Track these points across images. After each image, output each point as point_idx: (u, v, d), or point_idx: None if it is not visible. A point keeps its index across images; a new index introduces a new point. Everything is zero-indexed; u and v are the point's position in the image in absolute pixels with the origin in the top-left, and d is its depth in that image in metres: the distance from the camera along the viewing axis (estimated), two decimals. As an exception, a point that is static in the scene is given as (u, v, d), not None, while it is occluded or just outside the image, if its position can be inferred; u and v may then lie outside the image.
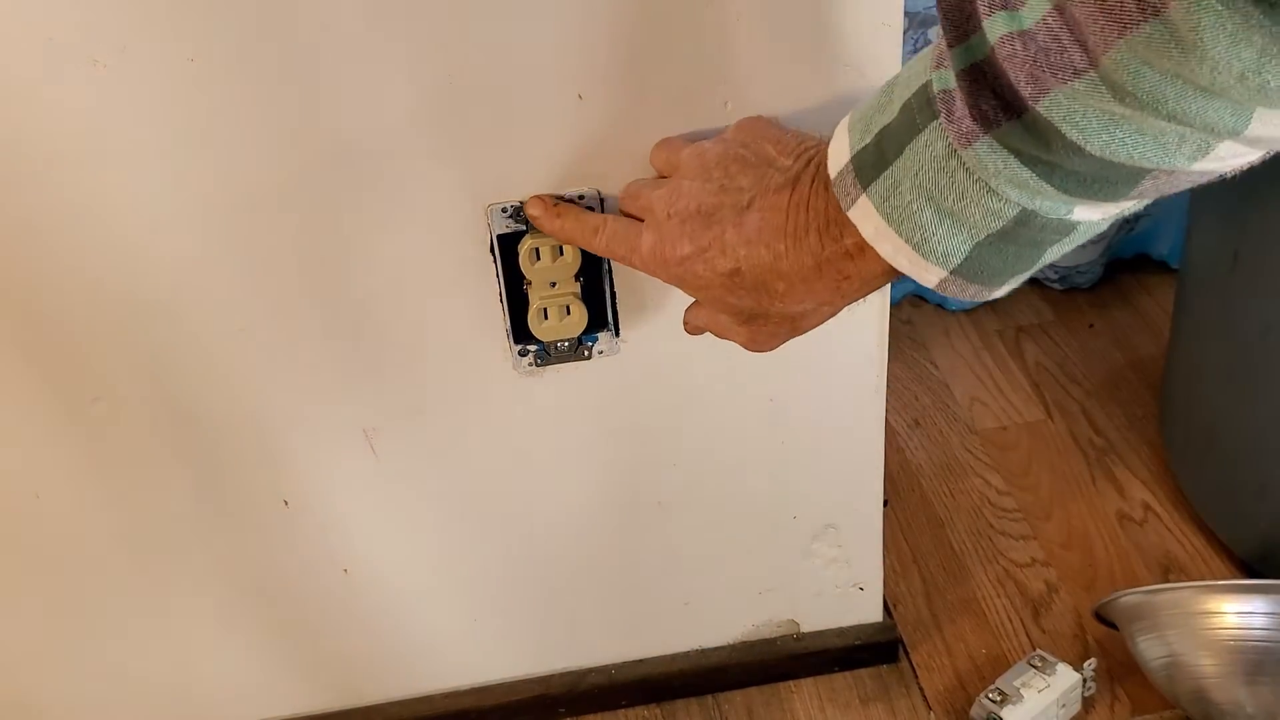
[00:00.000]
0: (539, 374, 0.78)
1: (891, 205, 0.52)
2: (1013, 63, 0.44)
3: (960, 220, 0.50)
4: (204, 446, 0.78)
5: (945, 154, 0.49)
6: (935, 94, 0.49)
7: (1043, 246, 0.52)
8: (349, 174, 0.69)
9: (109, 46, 0.62)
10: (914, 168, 0.50)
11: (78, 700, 0.90)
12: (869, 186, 0.52)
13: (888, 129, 0.52)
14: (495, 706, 0.94)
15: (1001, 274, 0.53)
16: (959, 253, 0.52)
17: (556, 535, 0.88)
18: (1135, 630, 0.87)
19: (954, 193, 0.50)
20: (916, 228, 0.51)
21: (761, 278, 0.59)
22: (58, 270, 0.70)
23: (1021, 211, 0.49)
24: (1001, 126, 0.46)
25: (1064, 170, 0.47)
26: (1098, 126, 0.44)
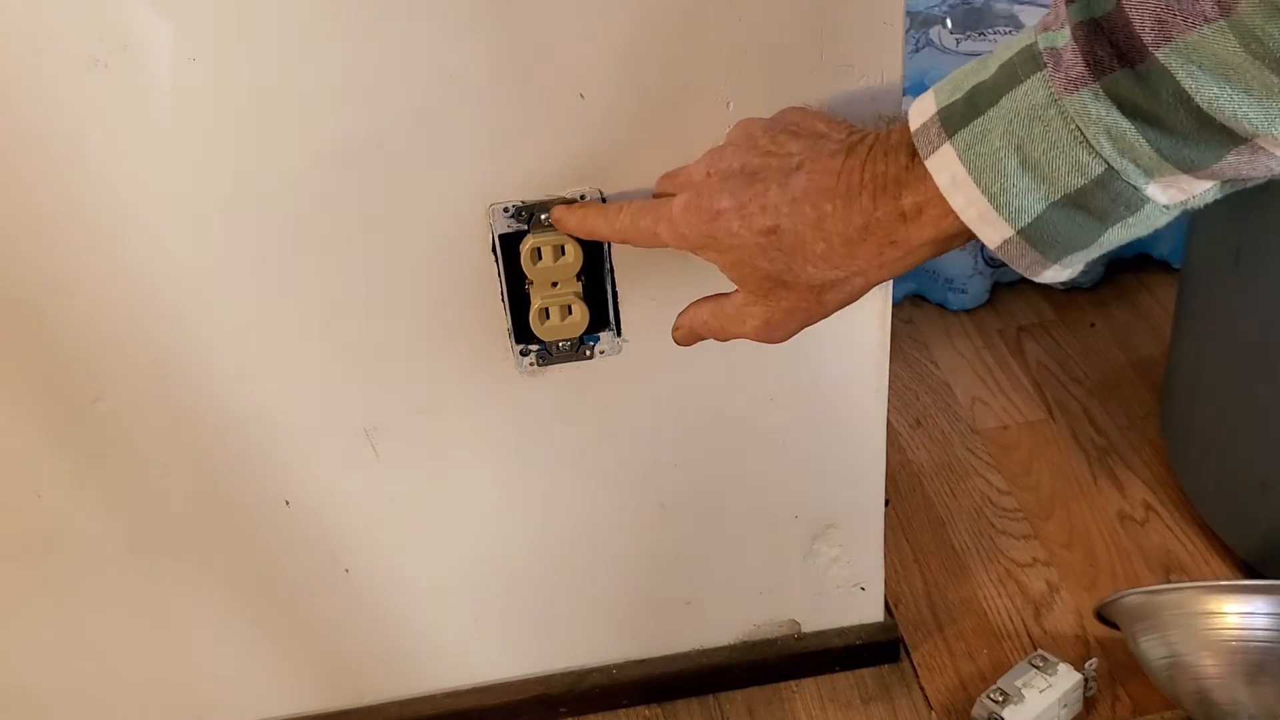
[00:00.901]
0: (540, 374, 0.78)
1: (976, 152, 0.52)
2: (1140, 10, 0.46)
3: (1043, 173, 0.50)
4: (204, 446, 0.78)
5: (1045, 102, 0.50)
6: (1041, 50, 0.49)
7: (1108, 222, 0.51)
8: (349, 174, 0.69)
9: (110, 45, 0.62)
10: (1008, 115, 0.51)
11: (78, 700, 0.89)
12: (955, 134, 0.52)
13: (982, 85, 0.52)
14: (496, 706, 0.94)
15: (1061, 245, 0.53)
16: (1032, 210, 0.51)
17: (558, 535, 0.88)
18: (1137, 630, 0.87)
19: (1046, 141, 0.50)
20: (997, 176, 0.51)
21: (801, 237, 0.58)
22: (58, 270, 0.70)
23: (1106, 170, 0.49)
24: (1114, 74, 0.47)
25: (1163, 126, 0.47)
26: (1212, 78, 0.45)
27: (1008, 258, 0.54)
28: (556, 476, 0.84)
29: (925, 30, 1.42)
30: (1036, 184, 0.51)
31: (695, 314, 0.67)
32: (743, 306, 0.63)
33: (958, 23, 1.42)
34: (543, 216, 0.71)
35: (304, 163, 0.68)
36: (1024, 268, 0.54)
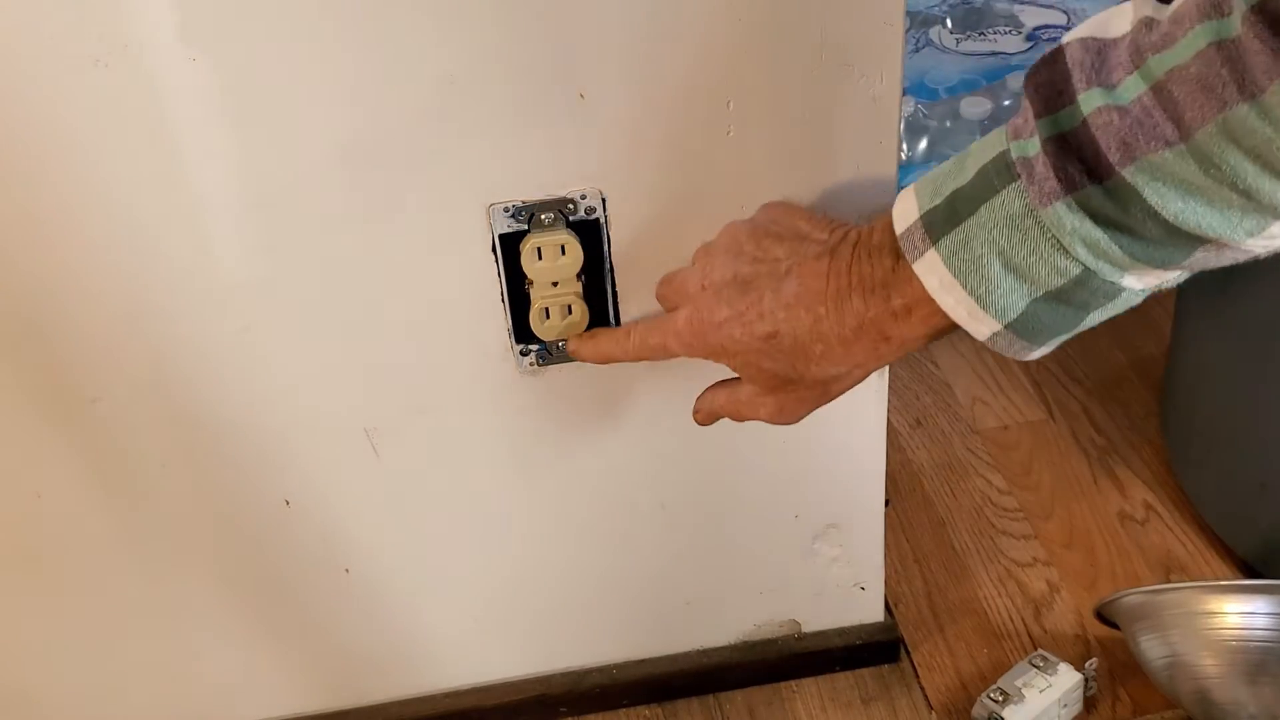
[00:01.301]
0: (541, 373, 0.78)
1: (960, 258, 0.55)
2: (1105, 132, 0.49)
3: (1025, 275, 0.54)
4: (204, 446, 0.78)
5: (1022, 212, 0.53)
6: (1014, 160, 0.53)
7: (1088, 310, 0.55)
8: (350, 174, 0.69)
9: (110, 45, 0.62)
10: (987, 224, 0.54)
11: (78, 699, 0.89)
12: (939, 241, 0.56)
13: (960, 191, 0.55)
14: (496, 706, 0.94)
15: (1046, 333, 0.57)
16: (1016, 307, 0.55)
17: (558, 535, 0.88)
18: (1137, 630, 0.87)
19: (1026, 248, 0.53)
20: (982, 280, 0.55)
21: (800, 341, 0.61)
22: (58, 270, 0.70)
23: (1083, 271, 0.53)
24: (1084, 189, 0.51)
25: (1134, 234, 0.51)
26: (1176, 194, 0.49)
27: (997, 348, 0.58)
28: (556, 476, 0.84)
29: (925, 30, 1.42)
30: (1019, 284, 0.55)
31: (713, 399, 0.71)
32: (755, 396, 0.67)
33: (958, 23, 1.42)
34: (543, 217, 0.71)
35: (304, 163, 0.68)
36: (1013, 353, 0.58)
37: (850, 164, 0.73)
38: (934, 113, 1.30)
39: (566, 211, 0.71)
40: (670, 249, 0.74)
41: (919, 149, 1.29)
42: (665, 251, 0.74)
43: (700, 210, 0.73)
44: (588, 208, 0.71)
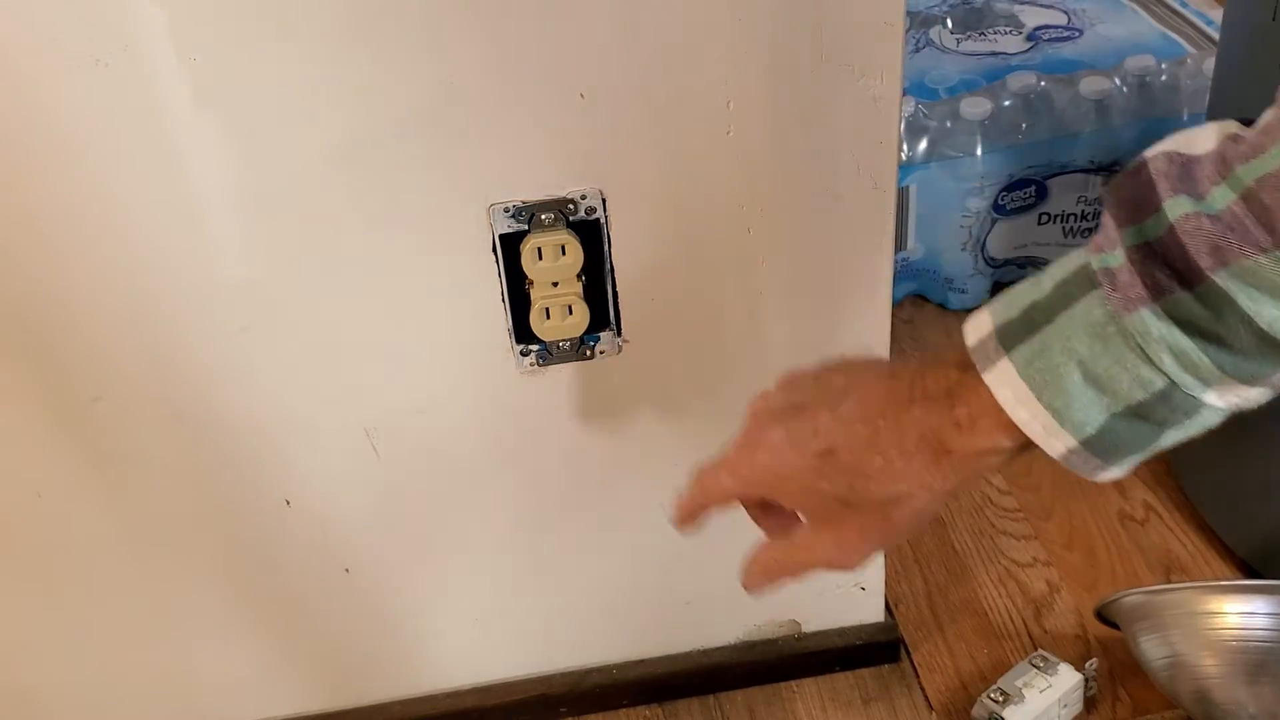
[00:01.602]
0: (541, 373, 0.78)
1: (1036, 368, 0.53)
2: (1194, 237, 0.48)
3: (1105, 387, 0.52)
4: (204, 446, 0.78)
5: (1104, 319, 0.51)
6: (1096, 270, 0.51)
7: (1165, 428, 0.53)
8: (350, 174, 0.69)
9: (110, 45, 0.62)
10: (1066, 332, 0.52)
11: (78, 699, 0.89)
12: (1013, 350, 0.53)
13: (1038, 303, 0.53)
14: (497, 706, 0.94)
15: (1121, 451, 0.54)
16: (1094, 423, 0.53)
17: (558, 535, 0.88)
18: (1137, 630, 0.87)
19: (1108, 358, 0.51)
20: (1059, 393, 0.52)
21: (857, 455, 0.58)
22: (58, 269, 0.70)
23: (1167, 385, 0.51)
24: (1173, 295, 0.49)
25: (1224, 344, 0.49)
26: (1271, 300, 0.48)
27: (1069, 465, 0.54)
28: (557, 476, 0.84)
29: (925, 30, 1.42)
30: (1099, 397, 0.52)
31: (765, 558, 0.65)
32: (812, 537, 0.62)
33: (958, 23, 1.42)
34: (544, 217, 0.71)
35: (304, 162, 0.68)
36: (1085, 472, 0.55)
37: (850, 164, 0.73)
38: (934, 113, 1.30)
39: (567, 211, 0.71)
40: (670, 249, 0.74)
41: (919, 149, 1.29)
42: (665, 251, 0.74)
43: (700, 210, 0.73)
44: (588, 208, 0.71)
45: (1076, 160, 1.31)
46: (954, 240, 1.34)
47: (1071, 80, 1.30)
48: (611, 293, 0.75)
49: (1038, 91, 1.30)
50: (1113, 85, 1.30)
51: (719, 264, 0.75)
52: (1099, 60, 1.33)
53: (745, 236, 0.74)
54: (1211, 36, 1.35)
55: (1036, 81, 1.30)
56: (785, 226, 0.75)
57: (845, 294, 0.78)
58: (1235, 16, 0.95)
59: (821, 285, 0.78)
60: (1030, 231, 1.36)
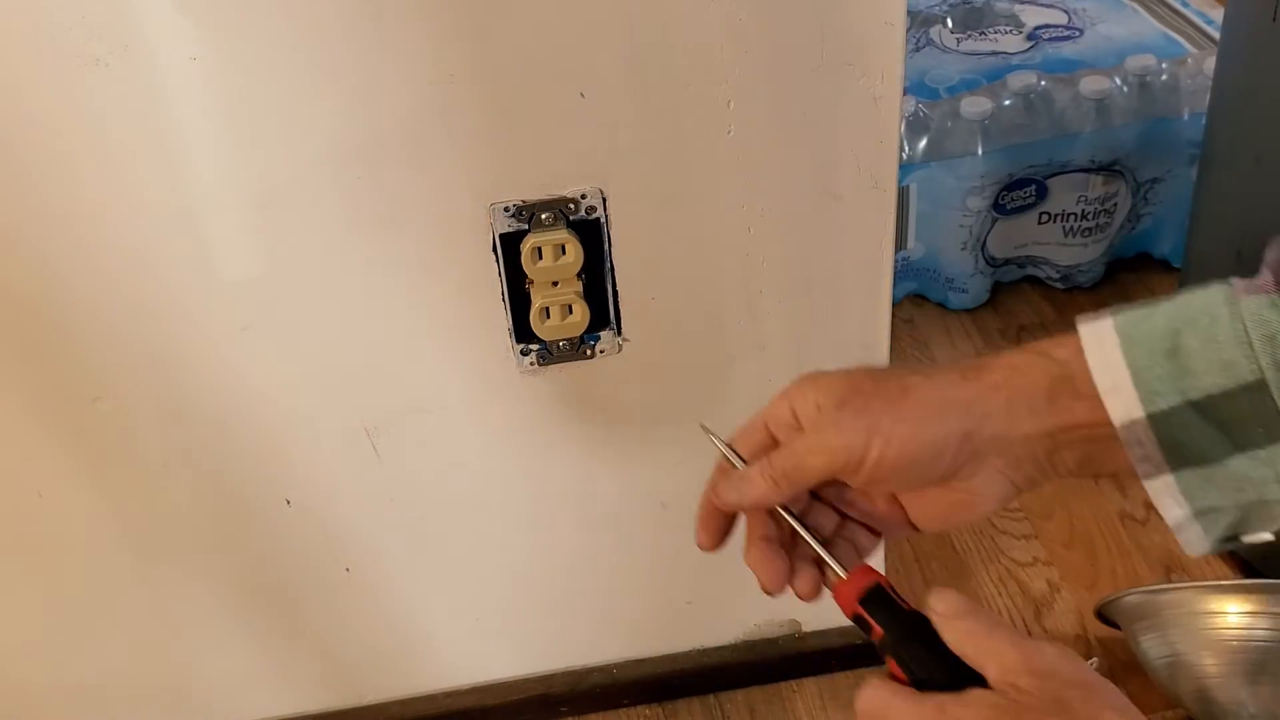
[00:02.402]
0: (541, 373, 0.78)
1: (1135, 326, 0.50)
2: None
3: (1190, 365, 0.49)
4: (205, 446, 0.78)
5: (1220, 301, 0.49)
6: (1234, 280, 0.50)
7: (1238, 445, 0.49)
8: (350, 173, 0.69)
9: (110, 45, 0.62)
10: (1179, 306, 0.50)
11: (78, 698, 0.89)
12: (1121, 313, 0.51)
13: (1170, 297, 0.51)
14: (497, 705, 0.94)
15: (1185, 451, 0.50)
16: (1167, 398, 0.49)
17: (558, 534, 0.88)
18: (1138, 630, 0.87)
19: (1207, 334, 0.49)
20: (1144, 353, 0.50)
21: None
22: (59, 269, 0.70)
23: (1256, 379, 0.48)
24: None
25: None
26: None
27: (1129, 441, 0.51)
28: (557, 476, 0.84)
29: (926, 30, 1.42)
30: (1180, 374, 0.49)
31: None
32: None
33: (958, 22, 1.42)
34: (544, 216, 0.71)
35: (304, 162, 0.68)
36: (1144, 471, 0.51)
37: (850, 163, 0.73)
38: (934, 112, 1.30)
39: (567, 211, 0.71)
40: (670, 249, 0.74)
41: (919, 148, 1.29)
42: (665, 251, 0.74)
43: (700, 210, 0.73)
44: (588, 207, 0.71)
45: (1077, 160, 1.31)
46: (954, 240, 1.34)
47: (1072, 80, 1.30)
48: (611, 292, 0.75)
49: (1038, 91, 1.30)
50: (1113, 85, 1.30)
51: (719, 264, 0.75)
52: (1099, 60, 1.33)
53: (745, 236, 0.74)
54: (1212, 36, 1.35)
55: (1037, 81, 1.30)
56: (785, 226, 0.74)
57: (845, 294, 0.78)
58: (1236, 16, 0.95)
59: (821, 285, 0.78)
60: (1030, 231, 1.36)
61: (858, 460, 0.52)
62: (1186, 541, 0.53)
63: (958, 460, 0.52)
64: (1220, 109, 0.99)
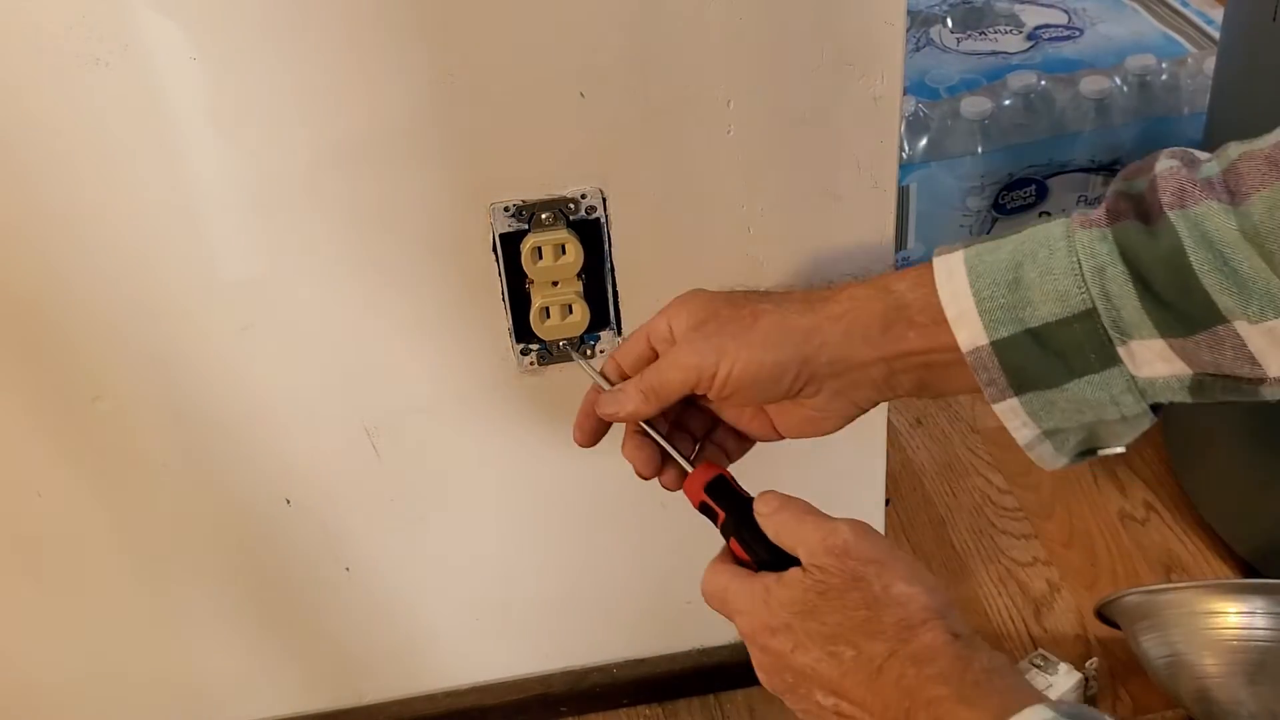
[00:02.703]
0: (541, 373, 0.78)
1: (982, 260, 0.57)
2: (1169, 182, 0.52)
3: (1029, 294, 0.54)
4: (204, 445, 0.78)
5: (1060, 235, 0.55)
6: (1073, 217, 0.55)
7: (1076, 375, 0.55)
8: (349, 173, 0.69)
9: (111, 45, 0.62)
10: (1022, 240, 0.56)
11: (78, 698, 0.90)
12: (970, 246, 0.57)
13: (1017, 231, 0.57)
14: (497, 705, 0.94)
15: (1027, 376, 0.56)
16: (1008, 326, 0.55)
17: (558, 534, 0.88)
18: (1137, 630, 0.87)
19: (1045, 265, 0.54)
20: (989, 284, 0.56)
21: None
22: (59, 269, 0.70)
23: (1087, 307, 0.53)
24: (1127, 222, 0.53)
25: (1153, 282, 0.52)
26: (1209, 247, 0.51)
27: (976, 366, 0.56)
28: (556, 475, 0.84)
29: (926, 29, 1.42)
30: (1020, 303, 0.55)
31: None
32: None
33: (958, 22, 1.42)
34: (544, 216, 0.71)
35: (304, 161, 0.68)
36: (991, 395, 0.57)
37: (851, 163, 0.73)
38: (934, 112, 1.30)
39: (567, 211, 0.71)
40: (670, 248, 0.74)
41: (919, 148, 1.29)
42: (665, 251, 0.74)
43: (700, 210, 0.73)
44: (588, 207, 0.71)
45: (1077, 159, 1.31)
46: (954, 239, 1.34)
47: (1072, 79, 1.30)
48: (611, 292, 0.75)
49: (1038, 91, 1.30)
50: (1113, 84, 1.30)
51: (719, 263, 0.75)
52: (1099, 59, 1.33)
53: (745, 236, 0.74)
54: (1212, 36, 1.35)
55: (1037, 81, 1.30)
56: (785, 226, 0.74)
57: (845, 293, 0.78)
58: (1236, 16, 0.95)
59: (821, 285, 0.78)
60: (1030, 231, 1.36)
61: (709, 377, 0.60)
62: (1039, 457, 0.60)
63: (798, 381, 0.60)
64: (1220, 108, 0.99)
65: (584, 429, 0.67)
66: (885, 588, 0.55)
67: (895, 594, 0.54)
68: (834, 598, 0.55)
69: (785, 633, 0.57)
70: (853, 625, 0.54)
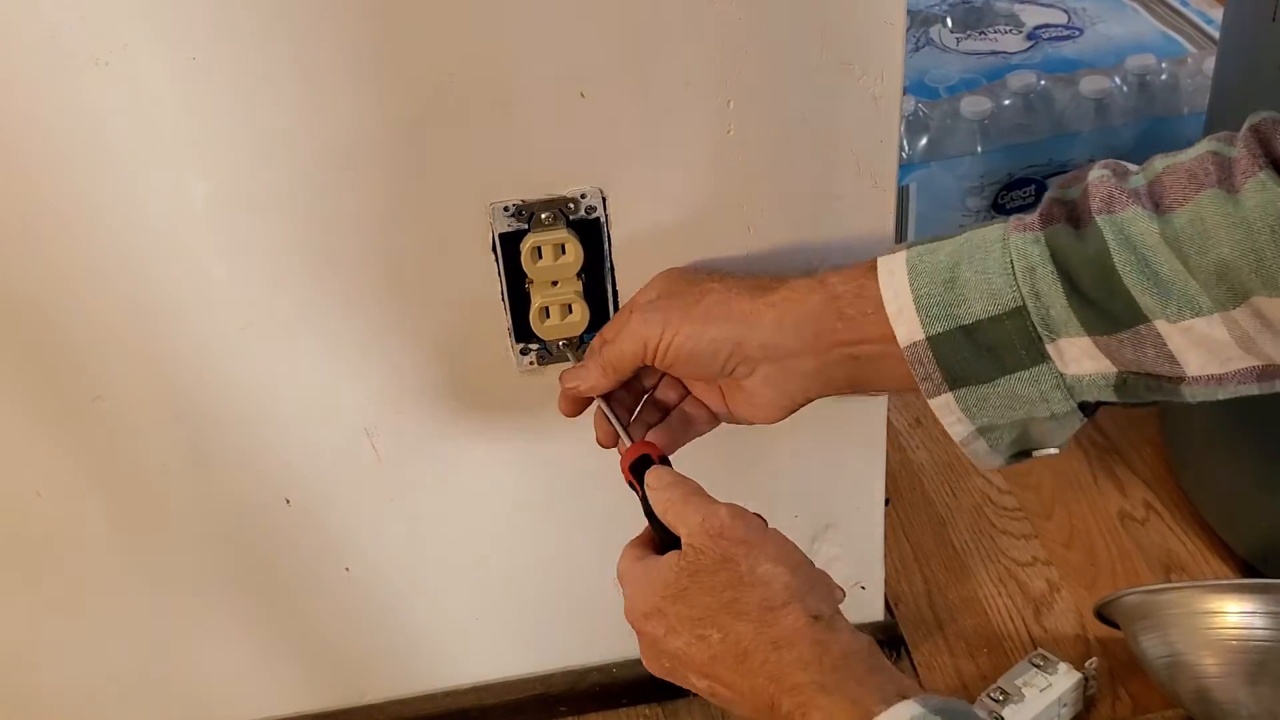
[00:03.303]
0: (541, 373, 0.78)
1: (923, 260, 0.59)
2: (1099, 189, 0.55)
3: (964, 293, 0.57)
4: (204, 445, 0.78)
5: (996, 238, 0.57)
6: (1010, 221, 0.58)
7: (1008, 371, 0.57)
8: (349, 173, 0.69)
9: (111, 45, 0.62)
10: (961, 243, 0.58)
11: (77, 699, 0.89)
12: (911, 248, 0.59)
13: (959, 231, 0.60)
14: (496, 705, 0.94)
15: (961, 370, 0.58)
16: (943, 322, 0.57)
17: (558, 533, 0.88)
18: (1137, 629, 0.87)
19: (980, 265, 0.57)
20: (927, 282, 0.58)
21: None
22: (59, 269, 0.70)
23: (1017, 305, 0.56)
24: (1058, 225, 0.56)
25: (1080, 281, 0.55)
26: (1133, 250, 0.53)
27: (912, 361, 0.59)
28: (556, 475, 0.84)
29: (925, 29, 1.42)
30: (955, 301, 0.57)
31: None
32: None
33: (958, 22, 1.42)
34: (543, 216, 0.71)
35: (304, 162, 0.68)
36: (926, 390, 0.59)
37: (850, 163, 0.73)
38: (934, 112, 1.30)
39: (566, 210, 0.71)
40: (670, 248, 0.74)
41: (919, 148, 1.29)
42: (665, 251, 0.74)
43: (700, 210, 0.73)
44: (588, 207, 0.71)
45: (1076, 159, 1.31)
46: (954, 239, 1.34)
47: (1072, 79, 1.30)
48: (611, 292, 0.75)
49: (1038, 90, 1.30)
50: (1113, 84, 1.30)
51: (719, 263, 0.75)
52: (1099, 59, 1.33)
53: (745, 236, 0.74)
54: (1212, 36, 1.35)
55: (1036, 80, 1.30)
56: (785, 226, 0.74)
57: (845, 293, 0.78)
58: (1235, 16, 0.95)
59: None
60: (1030, 231, 1.36)
61: (654, 348, 0.64)
62: (974, 454, 0.62)
63: (732, 360, 0.63)
64: (1220, 108, 0.99)
65: (566, 403, 0.71)
66: (751, 568, 0.56)
67: (760, 574, 0.56)
68: (704, 579, 0.57)
69: (657, 617, 0.58)
70: (719, 606, 0.56)
